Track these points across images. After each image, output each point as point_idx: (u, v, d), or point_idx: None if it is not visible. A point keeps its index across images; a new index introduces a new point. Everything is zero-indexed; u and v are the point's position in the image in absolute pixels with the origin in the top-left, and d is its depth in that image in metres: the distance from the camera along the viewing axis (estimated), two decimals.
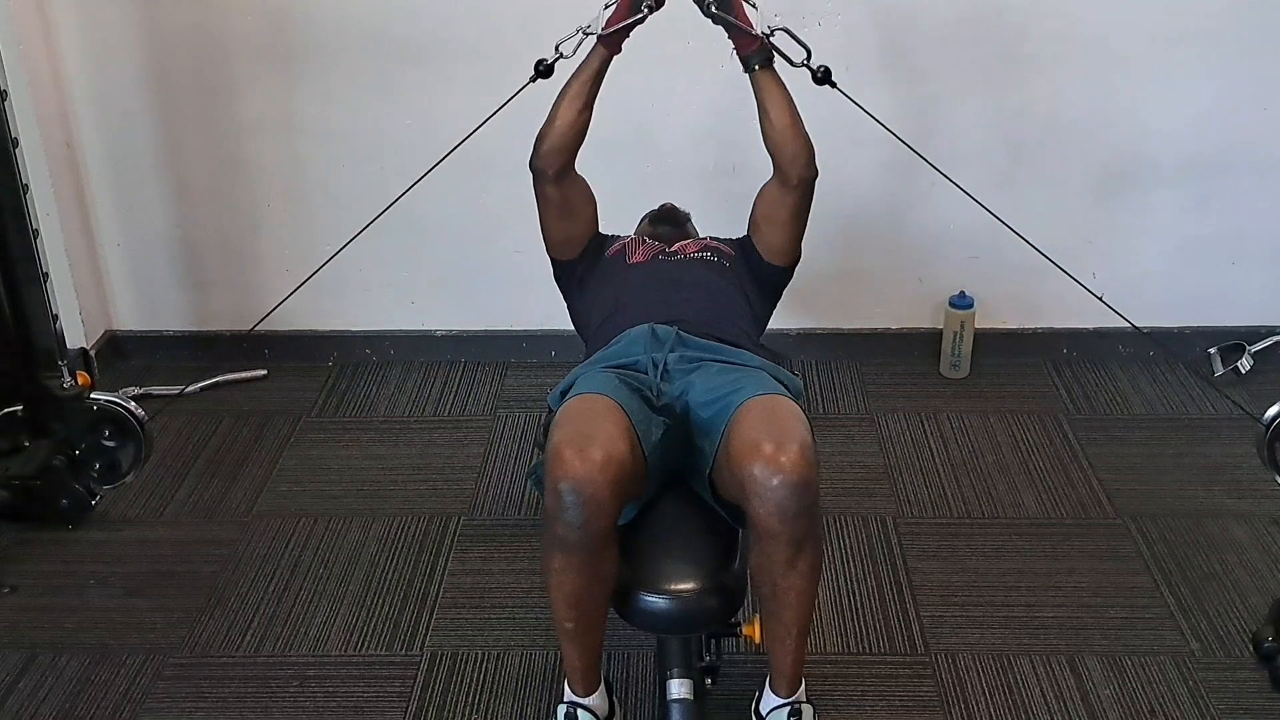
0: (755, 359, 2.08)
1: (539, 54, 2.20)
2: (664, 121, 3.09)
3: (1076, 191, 3.16)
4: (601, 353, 2.11)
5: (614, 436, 1.80)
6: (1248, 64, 3.01)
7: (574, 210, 2.35)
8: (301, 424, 3.14)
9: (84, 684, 2.29)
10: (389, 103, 3.10)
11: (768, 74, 2.19)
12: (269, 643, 2.39)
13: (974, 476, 2.86)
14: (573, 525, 1.76)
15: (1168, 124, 3.08)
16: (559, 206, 2.32)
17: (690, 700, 1.89)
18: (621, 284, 2.30)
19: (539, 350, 3.38)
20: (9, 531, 2.68)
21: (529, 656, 2.34)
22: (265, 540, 2.69)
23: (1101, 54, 3.00)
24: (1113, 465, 2.89)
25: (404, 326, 3.40)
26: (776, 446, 1.76)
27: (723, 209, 2.99)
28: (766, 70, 2.18)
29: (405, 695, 2.26)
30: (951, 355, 3.27)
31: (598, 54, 2.20)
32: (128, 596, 2.53)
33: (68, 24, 3.03)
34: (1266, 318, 3.28)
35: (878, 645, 2.36)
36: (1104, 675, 2.27)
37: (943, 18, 2.96)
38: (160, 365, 3.35)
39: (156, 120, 3.15)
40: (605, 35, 2.18)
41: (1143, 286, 3.19)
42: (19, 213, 2.47)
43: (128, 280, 3.36)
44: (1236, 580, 2.50)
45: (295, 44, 3.05)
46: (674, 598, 1.83)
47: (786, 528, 1.76)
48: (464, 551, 2.64)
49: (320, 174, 3.18)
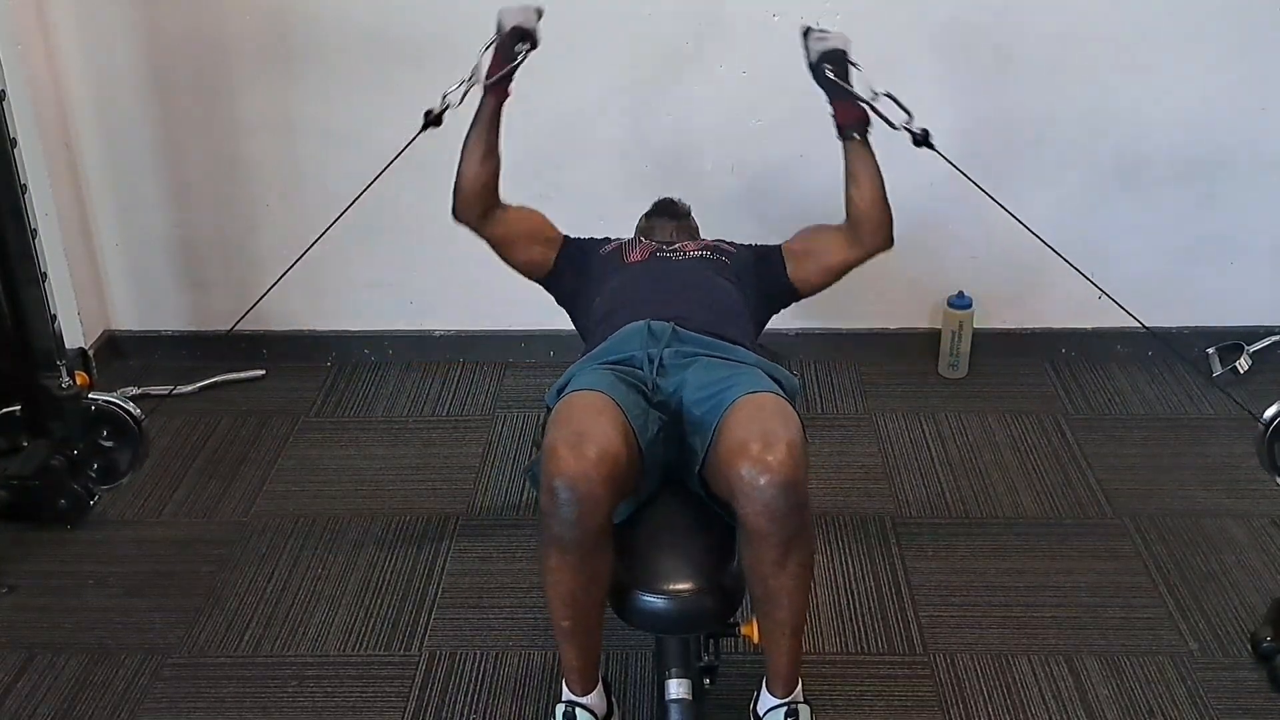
0: (751, 356, 2.08)
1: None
2: (663, 121, 3.09)
3: (1076, 191, 3.16)
4: (597, 349, 2.12)
5: (609, 433, 1.80)
6: (1248, 64, 3.01)
7: (517, 241, 2.41)
8: (300, 424, 3.14)
9: (82, 684, 2.29)
10: (389, 103, 3.08)
11: (864, 144, 2.22)
12: (267, 643, 2.39)
13: (972, 476, 2.87)
14: (568, 522, 1.76)
15: (1167, 124, 3.08)
16: (502, 243, 2.40)
17: (689, 700, 1.89)
18: (619, 283, 2.30)
19: (538, 350, 3.38)
20: (7, 531, 2.68)
21: (527, 656, 2.34)
22: (263, 540, 2.69)
23: (1101, 54, 3.00)
24: (1111, 465, 2.89)
25: (403, 326, 3.40)
26: (764, 446, 1.76)
27: (722, 209, 3.00)
28: (864, 140, 2.22)
29: (404, 695, 2.26)
30: (950, 355, 3.27)
31: (487, 103, 2.26)
32: (126, 596, 2.53)
33: (67, 24, 3.03)
34: (1265, 318, 3.28)
35: (876, 645, 2.36)
36: (1102, 675, 2.27)
37: (942, 17, 2.96)
38: (159, 365, 3.35)
39: (155, 120, 3.15)
40: (490, 84, 2.23)
41: (1141, 286, 3.18)
42: (18, 212, 2.47)
43: (126, 280, 3.36)
44: (1235, 580, 2.50)
45: (295, 44, 3.05)
46: (672, 597, 1.83)
47: (775, 527, 1.76)
48: (462, 551, 2.64)
49: (319, 174, 3.17)
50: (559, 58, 2.97)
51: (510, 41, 2.22)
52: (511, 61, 2.22)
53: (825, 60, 2.19)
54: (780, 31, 2.95)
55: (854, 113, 2.20)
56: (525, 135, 3.06)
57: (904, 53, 2.98)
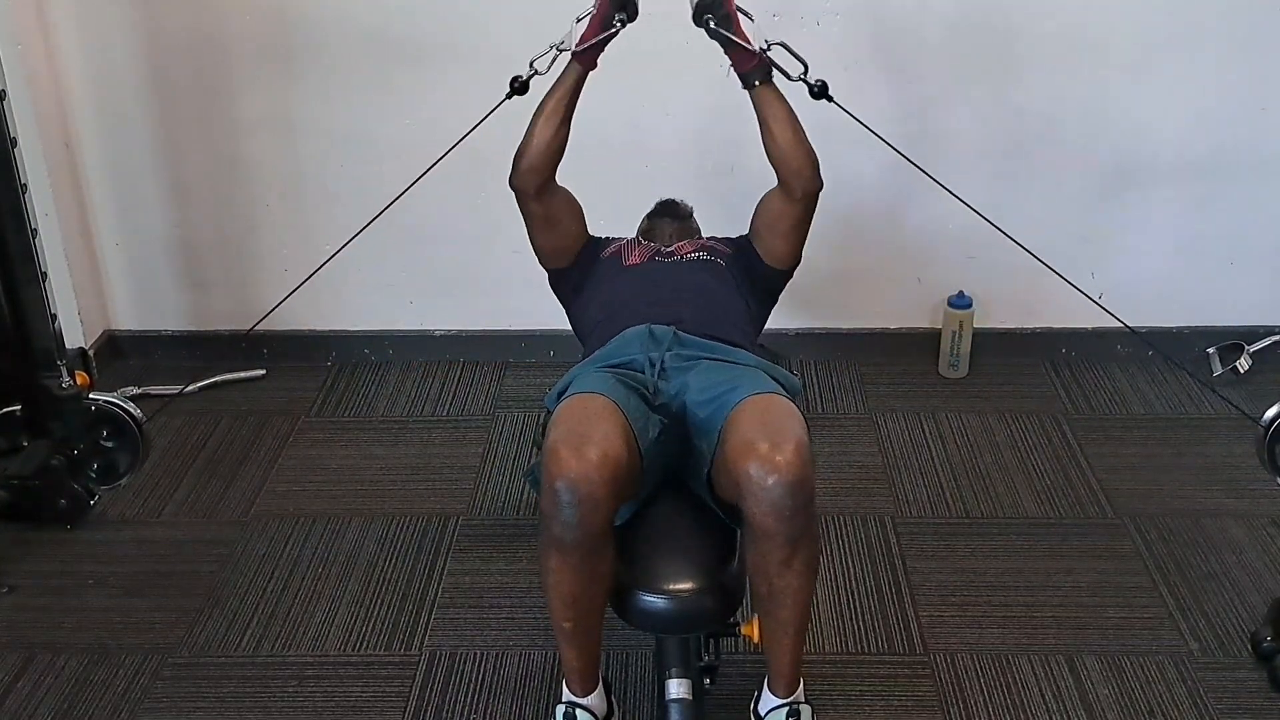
0: (752, 358, 2.08)
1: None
2: (661, 121, 3.09)
3: (1075, 191, 3.16)
4: (598, 352, 2.11)
5: (611, 435, 1.80)
6: (1247, 64, 3.01)
7: (560, 223, 2.36)
8: (300, 424, 3.14)
9: (82, 684, 2.29)
10: (389, 103, 3.09)
11: (768, 89, 2.19)
12: (267, 642, 2.39)
13: (973, 476, 2.87)
14: (569, 524, 1.76)
15: (1167, 124, 3.08)
16: (544, 221, 2.33)
17: (689, 700, 1.89)
18: (618, 287, 2.30)
19: (538, 350, 3.38)
20: (7, 531, 2.68)
21: (527, 656, 2.34)
22: (264, 540, 2.69)
23: (1100, 54, 3.00)
24: (1111, 465, 2.89)
25: (403, 326, 3.40)
26: (772, 446, 1.76)
27: (721, 209, 2.99)
28: (767, 85, 2.18)
29: (404, 695, 2.26)
30: (950, 355, 3.27)
31: (572, 70, 2.20)
32: (126, 596, 2.53)
33: (67, 24, 3.03)
34: (1265, 318, 3.28)
35: (876, 645, 2.36)
36: (1102, 675, 2.27)
37: (941, 17, 2.96)
38: (159, 365, 3.35)
39: (155, 120, 3.15)
40: (579, 51, 2.18)
41: (1141, 286, 3.20)
42: (18, 212, 2.47)
43: (126, 280, 3.36)
44: (1235, 580, 2.50)
45: (295, 44, 3.05)
46: (672, 597, 1.83)
47: (782, 527, 1.76)
48: (462, 551, 2.64)
49: (319, 174, 3.17)
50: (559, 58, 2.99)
51: (610, 10, 2.16)
52: (608, 30, 2.17)
53: (704, 10, 2.15)
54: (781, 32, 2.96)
55: (750, 60, 2.16)
56: None
57: (904, 53, 2.98)
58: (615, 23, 2.16)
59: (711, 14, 2.15)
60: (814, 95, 2.17)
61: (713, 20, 2.15)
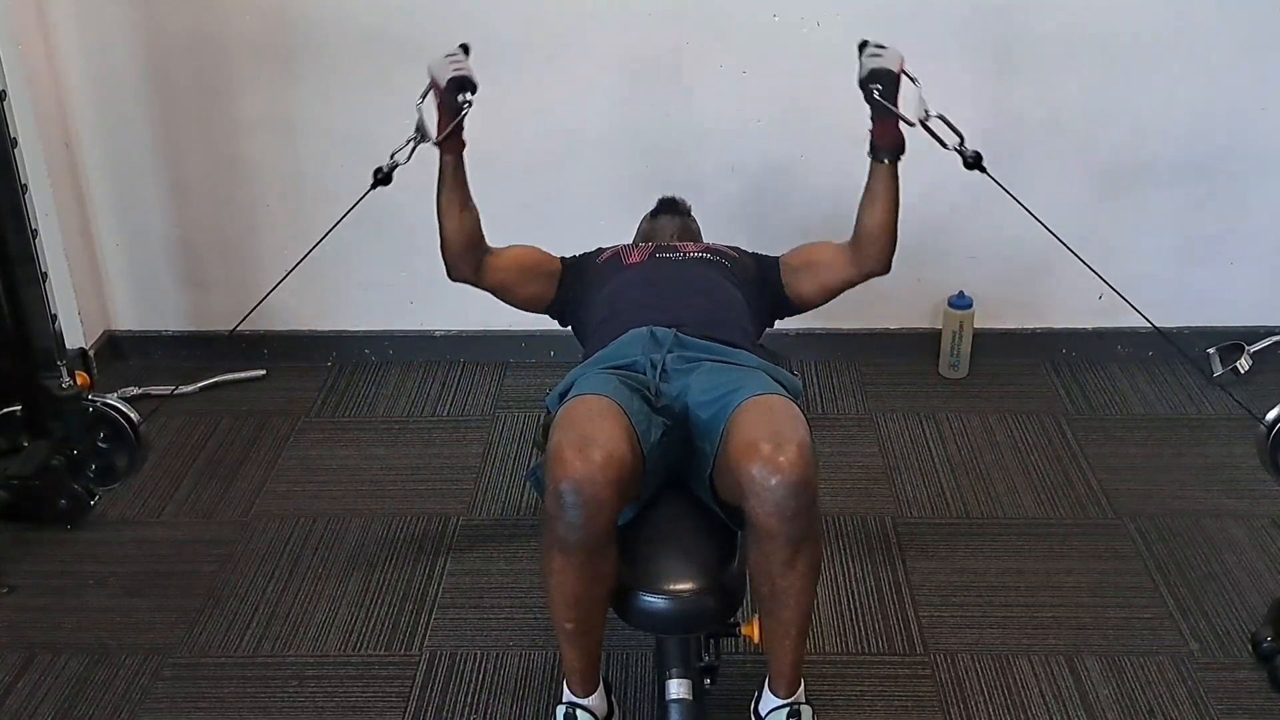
0: (753, 359, 2.08)
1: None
2: (662, 121, 3.09)
3: (1075, 191, 3.16)
4: (600, 353, 2.11)
5: (614, 437, 1.80)
6: (1247, 64, 3.01)
7: (518, 284, 2.38)
8: (300, 424, 3.14)
9: (82, 684, 2.29)
10: (389, 103, 3.07)
11: (893, 169, 2.20)
12: (267, 643, 2.39)
13: (973, 476, 2.87)
14: (573, 526, 1.76)
15: (1167, 124, 3.08)
16: (502, 288, 2.37)
17: (689, 700, 1.89)
18: (618, 286, 2.30)
19: (538, 350, 3.38)
20: (7, 531, 2.68)
21: (528, 657, 2.34)
22: (264, 540, 2.69)
23: (1101, 54, 3.00)
24: (1111, 465, 2.89)
25: (403, 326, 3.40)
26: (774, 446, 1.76)
27: (721, 209, 3.00)
28: (894, 165, 2.19)
29: (404, 695, 2.26)
30: (950, 355, 3.27)
31: (446, 160, 2.23)
32: (126, 597, 2.53)
33: (67, 24, 3.03)
34: (1265, 317, 3.28)
35: (877, 645, 2.36)
36: (1103, 675, 2.27)
37: (941, 18, 2.96)
38: (159, 365, 3.35)
39: (155, 120, 3.15)
40: (439, 142, 2.19)
41: (1141, 286, 3.17)
42: (18, 212, 2.47)
43: (127, 280, 3.36)
44: (1235, 580, 2.50)
45: (295, 44, 3.04)
46: (673, 598, 1.83)
47: (785, 527, 1.76)
48: (463, 551, 2.64)
49: (319, 174, 3.17)
50: (559, 58, 2.99)
51: (451, 95, 2.16)
52: (458, 114, 2.17)
53: (874, 79, 2.15)
54: (780, 31, 2.96)
55: (892, 136, 2.17)
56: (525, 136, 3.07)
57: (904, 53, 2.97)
58: (461, 105, 2.16)
59: (880, 84, 2.14)
60: (967, 166, 2.16)
61: (878, 91, 2.14)
